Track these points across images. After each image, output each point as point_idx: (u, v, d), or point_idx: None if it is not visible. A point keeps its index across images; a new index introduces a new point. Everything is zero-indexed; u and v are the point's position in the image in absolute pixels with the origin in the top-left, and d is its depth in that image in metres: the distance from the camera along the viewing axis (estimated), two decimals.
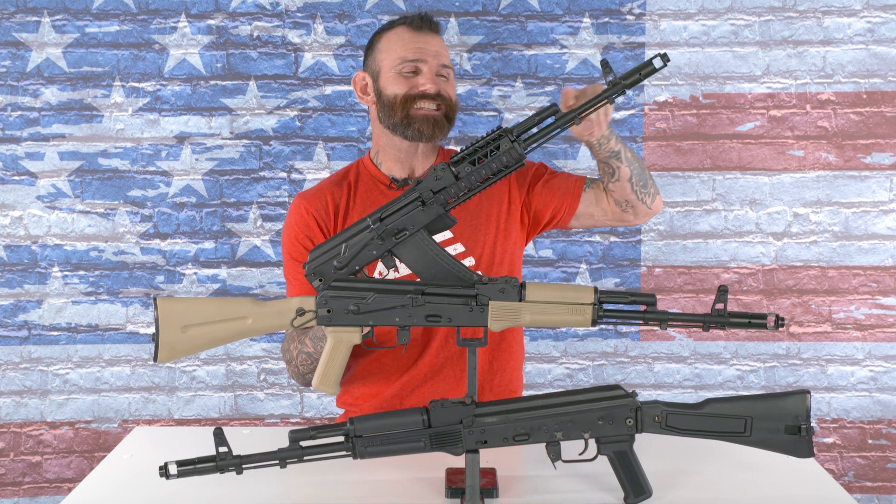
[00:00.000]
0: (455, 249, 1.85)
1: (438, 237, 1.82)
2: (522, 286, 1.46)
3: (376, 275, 1.80)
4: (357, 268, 1.54)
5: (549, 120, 1.51)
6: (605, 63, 1.48)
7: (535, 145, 1.51)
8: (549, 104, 1.52)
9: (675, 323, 1.45)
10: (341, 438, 1.43)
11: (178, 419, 2.97)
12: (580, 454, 1.46)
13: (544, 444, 1.44)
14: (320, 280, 1.53)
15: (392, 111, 1.81)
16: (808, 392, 1.43)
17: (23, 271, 2.92)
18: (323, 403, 2.98)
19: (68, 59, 2.88)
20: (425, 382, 1.86)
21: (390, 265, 1.55)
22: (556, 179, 1.91)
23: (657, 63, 1.44)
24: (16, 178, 2.90)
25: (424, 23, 1.84)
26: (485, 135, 1.51)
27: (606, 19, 2.89)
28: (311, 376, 1.80)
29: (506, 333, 1.90)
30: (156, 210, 2.93)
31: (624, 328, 2.98)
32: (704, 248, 2.96)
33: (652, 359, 2.99)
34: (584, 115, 1.50)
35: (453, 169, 1.50)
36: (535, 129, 1.51)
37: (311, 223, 1.85)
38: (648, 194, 1.83)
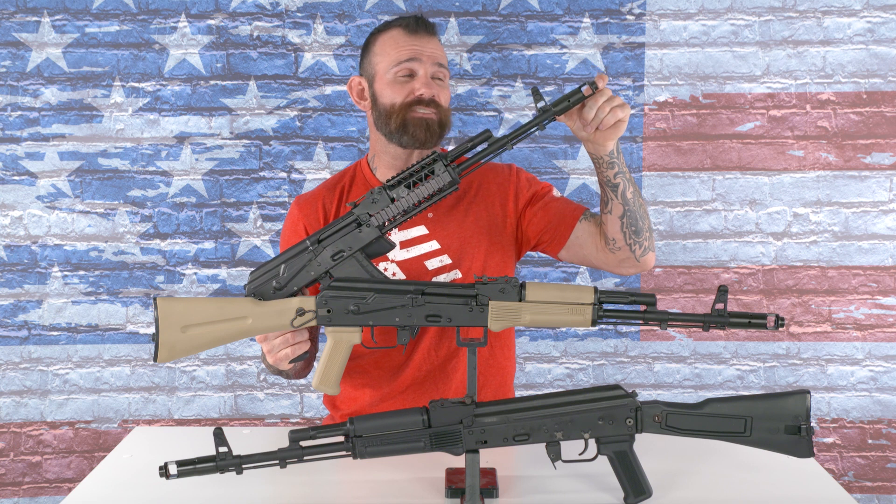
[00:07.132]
0: (442, 261, 1.82)
1: (424, 247, 1.82)
2: (522, 286, 1.46)
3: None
4: (296, 289, 1.55)
5: (484, 145, 1.54)
6: (535, 91, 1.52)
7: (468, 171, 1.56)
8: (482, 130, 1.55)
9: (675, 323, 1.45)
10: (341, 438, 1.43)
11: (178, 419, 2.97)
12: (580, 454, 1.46)
13: (544, 444, 1.44)
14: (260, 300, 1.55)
15: (388, 119, 1.77)
16: (808, 392, 1.43)
17: (23, 271, 2.92)
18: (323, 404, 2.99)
19: (68, 59, 2.87)
20: (406, 390, 1.84)
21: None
22: (556, 204, 1.81)
23: (585, 91, 1.49)
24: (16, 178, 2.90)
25: (420, 24, 1.78)
26: (420, 160, 1.56)
27: (606, 19, 2.89)
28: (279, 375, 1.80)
29: (495, 350, 1.86)
30: (156, 210, 2.93)
31: (624, 328, 2.97)
32: (704, 248, 2.96)
33: (652, 359, 2.99)
34: (515, 142, 1.52)
35: (390, 193, 1.55)
36: (469, 154, 1.54)
37: (301, 231, 1.84)
38: (640, 245, 1.69)
